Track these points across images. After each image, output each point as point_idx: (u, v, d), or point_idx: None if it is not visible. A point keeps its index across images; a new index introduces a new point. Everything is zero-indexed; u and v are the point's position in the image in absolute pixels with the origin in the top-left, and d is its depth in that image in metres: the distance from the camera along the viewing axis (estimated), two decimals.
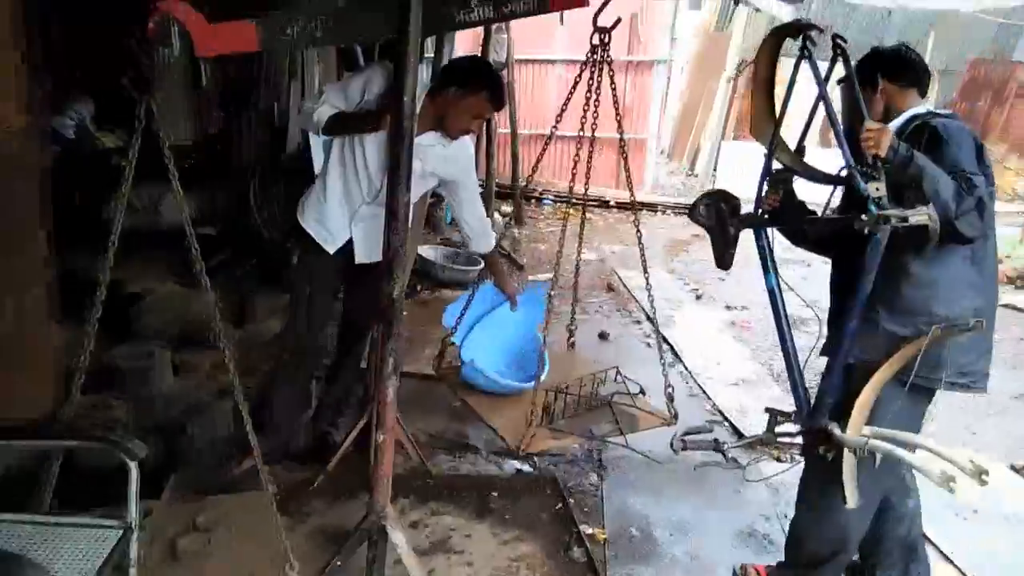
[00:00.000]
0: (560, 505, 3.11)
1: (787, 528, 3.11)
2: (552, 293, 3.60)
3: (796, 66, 2.44)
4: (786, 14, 6.19)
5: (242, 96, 5.53)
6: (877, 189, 2.13)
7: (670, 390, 3.31)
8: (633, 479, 3.46)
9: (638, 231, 3.45)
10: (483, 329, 3.66)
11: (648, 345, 5.23)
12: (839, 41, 2.28)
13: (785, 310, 2.69)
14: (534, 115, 10.21)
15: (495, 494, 3.16)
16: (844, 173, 2.33)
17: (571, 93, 3.08)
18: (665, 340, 5.27)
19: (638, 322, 5.70)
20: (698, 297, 6.45)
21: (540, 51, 9.81)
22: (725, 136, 11.74)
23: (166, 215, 5.13)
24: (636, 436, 3.30)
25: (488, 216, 3.54)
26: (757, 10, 5.13)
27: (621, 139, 3.29)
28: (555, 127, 3.13)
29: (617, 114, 3.24)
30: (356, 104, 2.78)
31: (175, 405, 3.52)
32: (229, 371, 2.05)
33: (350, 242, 3.04)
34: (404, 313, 2.15)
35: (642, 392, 3.60)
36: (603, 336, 5.30)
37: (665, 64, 10.51)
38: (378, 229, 2.54)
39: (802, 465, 3.60)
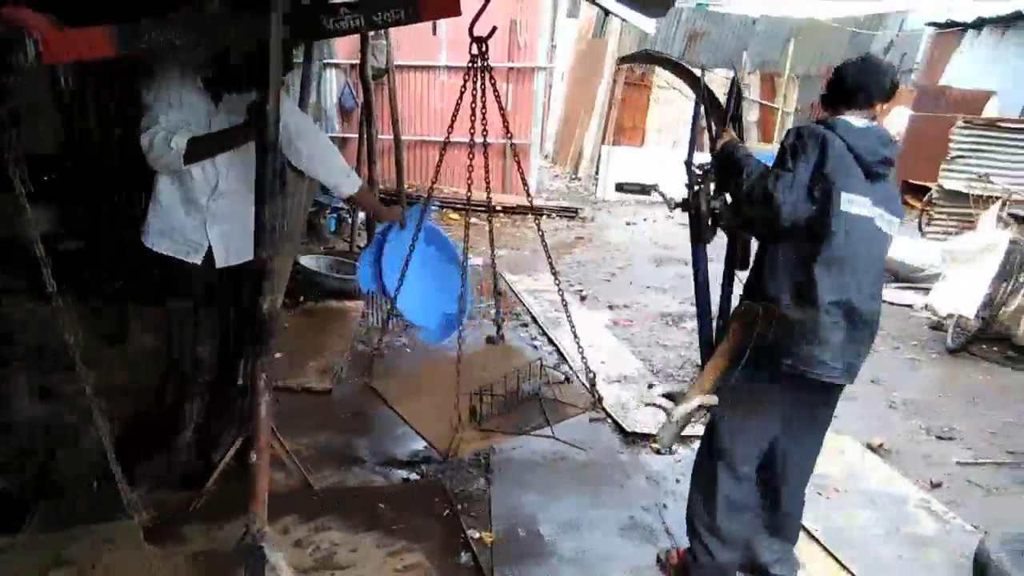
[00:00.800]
0: (448, 511, 3.12)
1: (664, 517, 3.27)
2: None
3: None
4: (650, 27, 6.44)
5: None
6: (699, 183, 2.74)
7: (591, 375, 3.38)
8: (522, 480, 3.52)
9: (540, 233, 3.54)
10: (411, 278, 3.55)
11: (535, 347, 5.31)
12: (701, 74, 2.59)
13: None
14: (418, 121, 10.19)
15: (382, 505, 3.14)
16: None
17: (459, 100, 3.09)
18: (551, 341, 5.41)
19: (525, 325, 5.79)
20: (583, 298, 6.61)
21: (423, 57, 9.80)
22: (606, 140, 12.08)
23: (24, 229, 4.79)
24: (561, 426, 3.35)
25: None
26: (624, 20, 5.31)
27: (513, 146, 3.35)
28: (448, 135, 3.15)
29: (504, 121, 3.28)
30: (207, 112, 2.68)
31: (40, 432, 3.29)
32: (98, 393, 1.94)
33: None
34: (286, 325, 2.11)
35: (567, 380, 3.66)
36: (491, 340, 5.34)
37: (546, 71, 10.72)
38: (239, 227, 2.43)
39: (677, 457, 3.79)
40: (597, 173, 11.91)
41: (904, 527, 3.36)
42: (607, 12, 5.25)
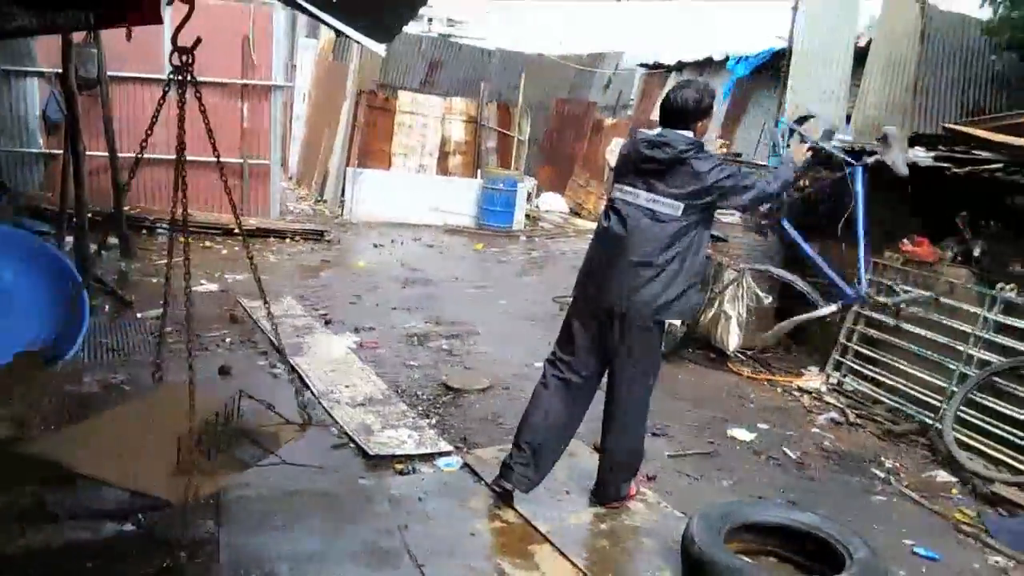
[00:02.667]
0: (168, 562, 2.85)
1: (407, 539, 3.26)
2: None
3: None
4: (380, 50, 6.52)
5: None
6: None
7: (301, 398, 3.42)
8: (255, 518, 3.32)
9: (250, 259, 3.33)
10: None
11: (275, 376, 5.08)
12: None
13: None
14: (137, 137, 9.32)
15: (90, 564, 2.79)
16: None
17: (155, 114, 2.87)
18: (293, 369, 5.20)
19: (264, 353, 5.51)
20: (327, 322, 6.45)
21: (140, 68, 8.99)
22: (351, 163, 11.96)
23: None
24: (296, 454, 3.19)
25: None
26: (359, 42, 5.31)
27: (219, 162, 3.15)
28: (142, 148, 2.91)
29: (211, 138, 3.09)
30: None
31: None
32: None
33: None
34: None
35: (270, 407, 3.45)
36: (224, 371, 5.02)
37: (283, 90, 10.39)
38: None
39: (421, 476, 3.80)
40: (343, 195, 11.74)
41: (625, 520, 3.66)
42: (339, 33, 5.21)
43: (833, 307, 5.54)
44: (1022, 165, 4.98)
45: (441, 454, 4.15)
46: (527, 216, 12.85)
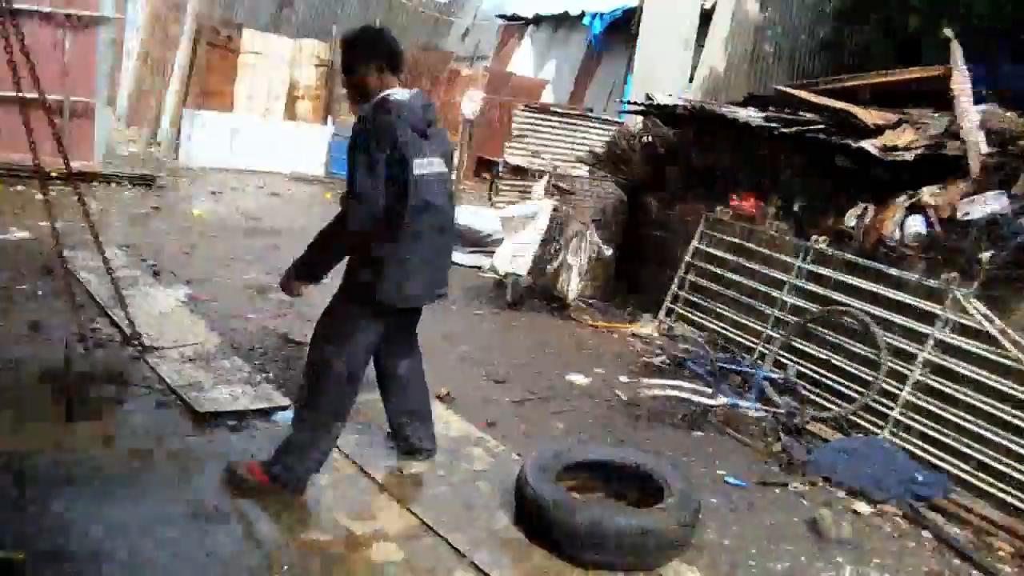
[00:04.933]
0: None
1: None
2: None
3: None
4: None
5: None
6: None
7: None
8: (68, 484, 3.07)
9: (82, 202, 3.04)
10: None
11: (94, 331, 4.71)
12: None
13: None
14: None
15: None
16: None
17: None
18: (113, 323, 4.85)
19: (82, 306, 5.09)
20: (156, 274, 6.05)
21: None
22: (187, 103, 11.19)
23: None
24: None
25: None
26: None
27: (43, 99, 2.84)
28: None
29: (16, 72, 2.77)
30: None
31: None
32: None
33: None
34: None
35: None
36: (34, 327, 4.61)
37: (112, 22, 9.48)
38: None
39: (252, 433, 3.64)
40: (179, 138, 10.99)
41: (464, 464, 3.71)
42: None
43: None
44: (840, 126, 5.38)
45: (278, 408, 4.03)
46: None
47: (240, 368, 4.45)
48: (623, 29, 12.29)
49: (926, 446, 4.28)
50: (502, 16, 16.63)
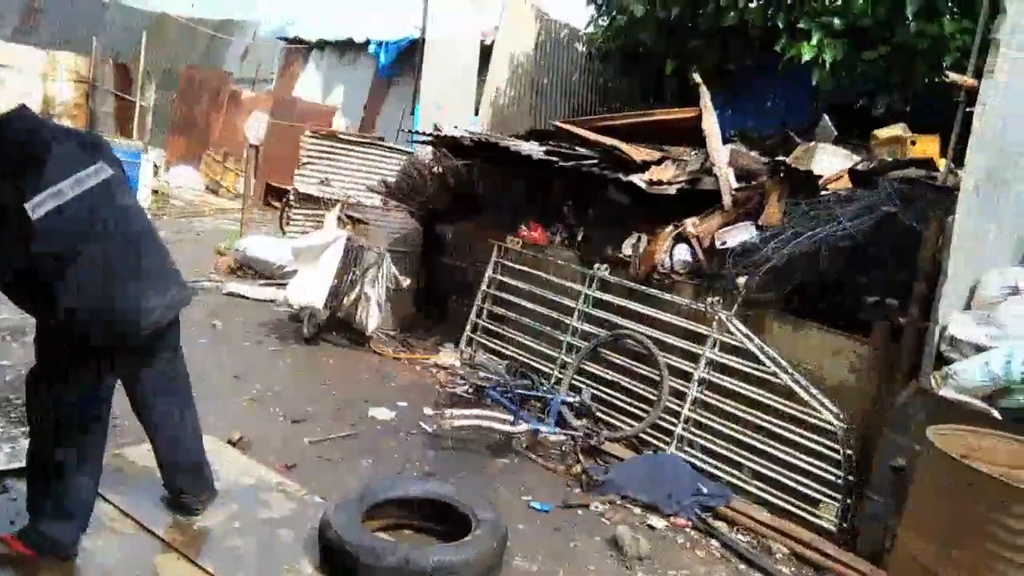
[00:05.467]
0: None
1: None
2: None
3: None
4: None
5: None
6: None
7: None
8: None
9: None
10: None
11: None
12: None
13: None
14: None
15: None
16: None
17: None
18: None
19: None
20: None
21: None
22: None
23: None
24: None
25: None
26: None
27: None
28: None
29: None
30: None
31: None
32: None
33: None
34: None
35: None
36: None
37: None
38: None
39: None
40: None
41: (260, 513, 3.52)
42: None
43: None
44: (612, 161, 5.82)
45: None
46: (155, 192, 11.66)
47: None
48: (410, 57, 12.43)
49: (707, 459, 4.67)
50: (283, 38, 16.15)
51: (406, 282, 6.38)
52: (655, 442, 4.89)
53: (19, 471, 3.47)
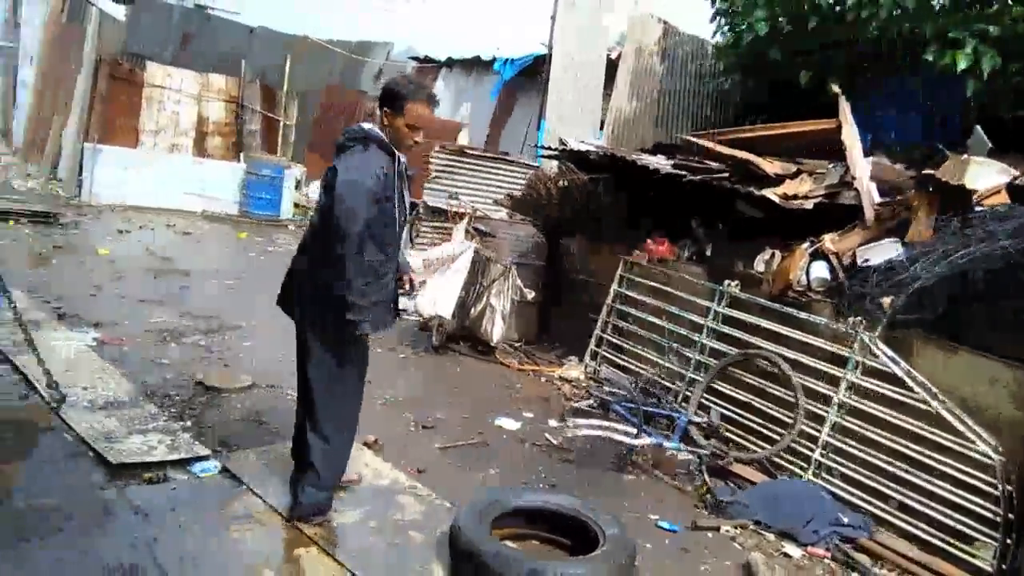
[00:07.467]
0: None
1: (156, 552, 2.98)
2: None
3: None
4: (118, 13, 5.93)
5: None
6: None
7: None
8: None
9: None
10: None
11: None
12: None
13: None
14: None
15: None
16: None
17: None
18: (17, 369, 4.56)
19: None
20: (61, 316, 5.73)
21: None
22: (88, 138, 10.72)
23: None
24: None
25: None
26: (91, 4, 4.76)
27: None
28: None
29: None
30: None
31: None
32: None
33: None
34: None
35: None
36: None
37: (3, 51, 9.03)
38: None
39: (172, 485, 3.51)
40: (81, 173, 10.49)
41: (394, 514, 3.64)
42: None
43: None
44: (743, 175, 5.67)
45: (197, 459, 3.86)
46: (296, 205, 12.36)
47: (154, 416, 4.26)
48: (535, 73, 12.59)
49: (847, 487, 4.41)
50: (415, 58, 16.73)
51: (531, 295, 6.45)
52: (789, 467, 4.68)
53: (178, 462, 3.78)
